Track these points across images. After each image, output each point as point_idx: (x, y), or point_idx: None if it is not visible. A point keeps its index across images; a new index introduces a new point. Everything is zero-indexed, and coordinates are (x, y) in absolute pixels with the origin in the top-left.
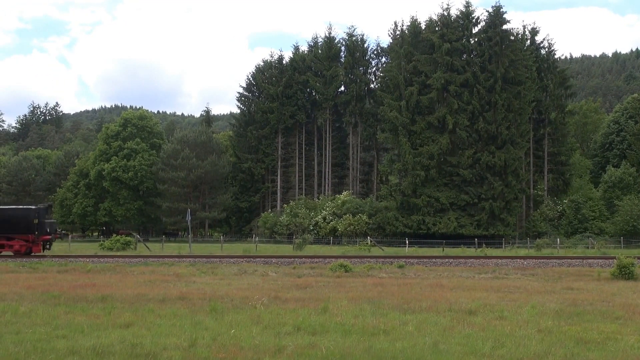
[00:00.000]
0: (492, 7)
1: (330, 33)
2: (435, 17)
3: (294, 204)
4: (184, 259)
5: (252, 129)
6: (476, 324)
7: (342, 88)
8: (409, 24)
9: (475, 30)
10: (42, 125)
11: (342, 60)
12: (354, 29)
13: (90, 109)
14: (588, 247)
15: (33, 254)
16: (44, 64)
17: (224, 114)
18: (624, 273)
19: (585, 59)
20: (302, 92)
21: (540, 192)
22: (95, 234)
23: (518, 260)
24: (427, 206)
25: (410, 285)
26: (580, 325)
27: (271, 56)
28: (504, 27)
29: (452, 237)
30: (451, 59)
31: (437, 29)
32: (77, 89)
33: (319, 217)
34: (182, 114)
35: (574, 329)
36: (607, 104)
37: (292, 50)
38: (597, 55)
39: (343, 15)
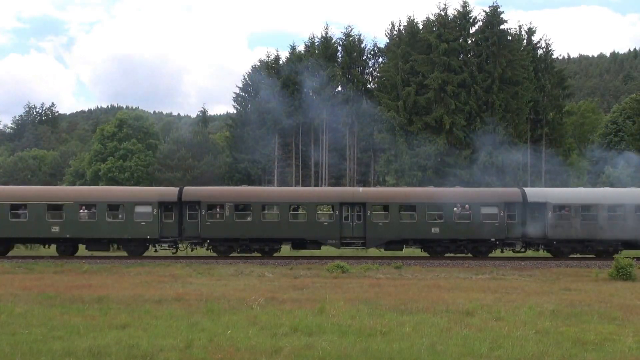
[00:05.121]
0: (490, 7)
1: (327, 33)
2: (432, 17)
3: None
4: (181, 260)
5: (249, 130)
6: (473, 325)
7: (339, 88)
8: (406, 24)
9: (472, 30)
10: (38, 125)
11: (339, 60)
12: (351, 29)
13: (86, 109)
14: None
15: None
16: (42, 63)
17: (220, 114)
18: (622, 274)
19: (583, 59)
20: (299, 92)
21: None
22: None
23: (516, 260)
24: None
25: (407, 286)
26: (578, 326)
27: (267, 56)
28: (502, 27)
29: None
30: (448, 59)
31: (434, 29)
32: (74, 88)
33: None
34: (179, 114)
35: (572, 330)
36: (605, 104)
37: (289, 50)
38: (595, 55)
39: (341, 15)
